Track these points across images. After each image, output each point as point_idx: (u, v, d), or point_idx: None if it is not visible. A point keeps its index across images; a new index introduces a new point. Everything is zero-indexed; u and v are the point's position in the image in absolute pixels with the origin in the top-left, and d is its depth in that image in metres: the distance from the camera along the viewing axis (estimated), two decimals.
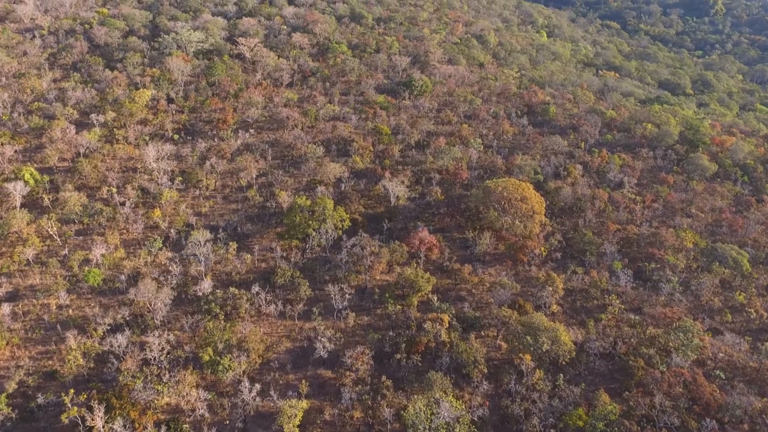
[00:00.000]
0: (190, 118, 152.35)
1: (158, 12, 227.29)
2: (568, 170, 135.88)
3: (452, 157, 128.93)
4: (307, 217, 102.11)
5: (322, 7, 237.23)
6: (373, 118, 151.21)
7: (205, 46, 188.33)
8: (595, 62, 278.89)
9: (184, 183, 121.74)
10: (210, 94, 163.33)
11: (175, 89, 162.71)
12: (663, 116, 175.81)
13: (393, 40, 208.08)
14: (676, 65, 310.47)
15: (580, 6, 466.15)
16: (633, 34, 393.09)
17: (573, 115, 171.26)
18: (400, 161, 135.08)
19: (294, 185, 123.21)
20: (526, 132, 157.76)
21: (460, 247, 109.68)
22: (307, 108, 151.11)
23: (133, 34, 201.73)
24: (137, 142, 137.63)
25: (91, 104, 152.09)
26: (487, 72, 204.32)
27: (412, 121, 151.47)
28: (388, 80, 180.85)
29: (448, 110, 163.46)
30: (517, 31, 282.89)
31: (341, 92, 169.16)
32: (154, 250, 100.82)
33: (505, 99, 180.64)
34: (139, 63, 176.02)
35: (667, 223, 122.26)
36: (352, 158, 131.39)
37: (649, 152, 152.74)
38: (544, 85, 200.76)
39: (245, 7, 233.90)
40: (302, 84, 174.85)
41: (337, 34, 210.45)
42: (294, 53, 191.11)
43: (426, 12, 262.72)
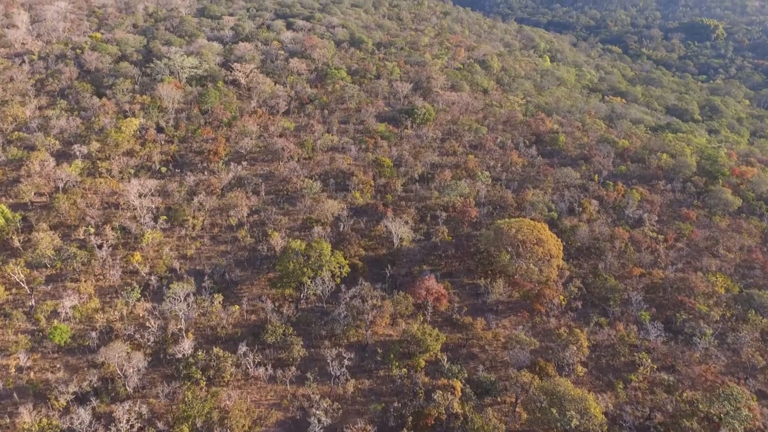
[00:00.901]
0: (180, 148, 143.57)
1: (153, 37, 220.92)
2: (582, 206, 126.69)
3: (459, 193, 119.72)
4: (302, 263, 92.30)
5: (321, 31, 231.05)
6: (374, 149, 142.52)
7: (199, 71, 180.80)
8: (599, 87, 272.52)
9: (169, 222, 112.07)
10: (202, 123, 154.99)
11: (165, 117, 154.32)
12: (677, 145, 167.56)
13: (394, 66, 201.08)
14: (681, 90, 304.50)
15: (581, 30, 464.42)
16: (635, 58, 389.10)
17: (583, 145, 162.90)
18: (403, 196, 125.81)
19: (288, 224, 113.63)
20: (536, 163, 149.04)
21: (470, 295, 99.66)
22: (304, 138, 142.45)
23: (125, 59, 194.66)
24: (122, 175, 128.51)
25: (75, 134, 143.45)
26: (491, 98, 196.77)
27: (415, 152, 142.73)
28: (389, 107, 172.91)
29: (453, 140, 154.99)
30: (519, 56, 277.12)
31: (340, 120, 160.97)
32: (132, 300, 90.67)
33: (511, 127, 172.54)
34: (129, 89, 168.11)
35: (693, 264, 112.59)
36: (351, 193, 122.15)
37: (666, 185, 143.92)
38: (551, 112, 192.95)
39: (242, 32, 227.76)
40: (299, 112, 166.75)
41: (337, 59, 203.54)
42: (291, 79, 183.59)
43: (427, 37, 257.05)
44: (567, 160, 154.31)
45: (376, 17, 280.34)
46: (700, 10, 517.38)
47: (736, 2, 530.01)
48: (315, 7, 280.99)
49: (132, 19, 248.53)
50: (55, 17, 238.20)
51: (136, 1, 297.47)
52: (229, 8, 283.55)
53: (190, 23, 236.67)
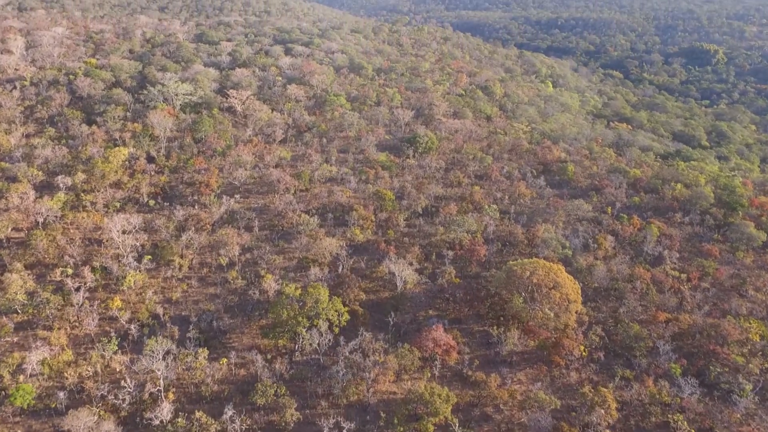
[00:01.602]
0: (170, 179, 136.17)
1: (149, 62, 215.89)
2: (597, 242, 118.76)
3: (466, 230, 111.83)
4: (297, 311, 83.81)
5: (320, 57, 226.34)
6: (375, 181, 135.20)
7: (194, 98, 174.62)
8: (604, 113, 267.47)
9: (154, 261, 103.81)
10: (195, 152, 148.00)
11: (156, 146, 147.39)
12: (691, 175, 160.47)
13: (394, 92, 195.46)
14: (686, 115, 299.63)
15: (581, 55, 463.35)
16: (637, 83, 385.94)
17: (593, 175, 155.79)
18: (406, 232, 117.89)
19: (283, 264, 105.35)
20: (545, 195, 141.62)
21: (481, 344, 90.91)
22: (301, 169, 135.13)
23: (119, 85, 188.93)
24: (107, 209, 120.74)
25: (61, 164, 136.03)
26: (495, 126, 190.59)
27: (418, 184, 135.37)
28: (390, 135, 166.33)
29: (457, 170, 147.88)
30: (521, 81, 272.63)
31: (339, 149, 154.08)
32: (108, 353, 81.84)
33: (517, 156, 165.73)
34: (121, 117, 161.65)
35: (720, 306, 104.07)
36: (350, 229, 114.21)
37: (683, 217, 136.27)
38: (557, 140, 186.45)
39: (239, 58, 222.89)
40: (297, 140, 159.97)
41: (336, 85, 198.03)
42: (289, 106, 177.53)
43: (428, 62, 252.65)
44: (577, 191, 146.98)
45: (376, 43, 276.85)
46: (698, 35, 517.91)
47: (735, 28, 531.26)
48: (314, 32, 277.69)
49: (129, 45, 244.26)
50: (51, 43, 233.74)
51: (134, 27, 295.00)
52: (228, 34, 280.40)
53: (187, 49, 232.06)
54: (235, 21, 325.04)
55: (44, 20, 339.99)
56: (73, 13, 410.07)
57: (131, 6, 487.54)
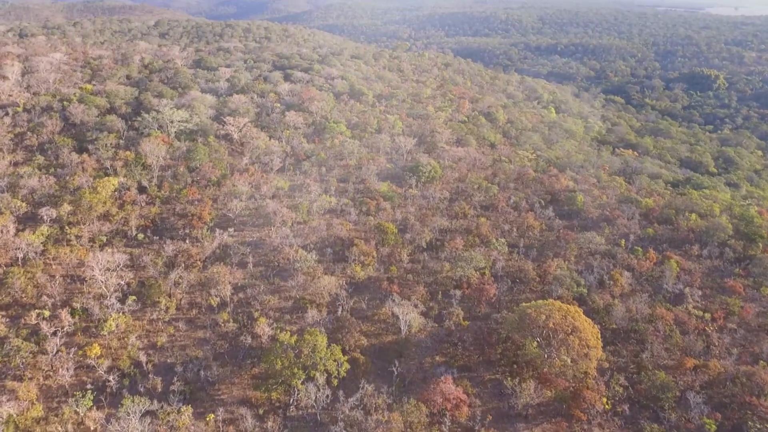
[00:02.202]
0: (162, 210, 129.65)
1: (145, 88, 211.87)
2: (613, 278, 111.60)
3: (474, 267, 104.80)
4: (292, 360, 76.31)
5: (320, 83, 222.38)
6: (376, 212, 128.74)
7: (189, 125, 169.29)
8: (608, 139, 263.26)
9: (139, 301, 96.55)
10: (189, 182, 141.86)
11: (149, 176, 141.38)
12: (704, 204, 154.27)
13: (396, 119, 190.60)
14: (691, 141, 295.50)
15: (581, 81, 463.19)
16: (639, 108, 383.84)
17: (603, 205, 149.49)
18: (410, 269, 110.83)
19: (278, 304, 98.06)
20: (554, 226, 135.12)
21: (493, 395, 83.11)
22: (299, 201, 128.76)
23: (113, 111, 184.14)
24: (92, 243, 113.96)
25: (47, 194, 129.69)
26: (499, 153, 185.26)
27: (422, 215, 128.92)
28: (391, 164, 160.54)
29: (462, 200, 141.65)
30: (524, 107, 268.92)
31: (339, 179, 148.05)
32: (82, 408, 74.02)
33: (523, 185, 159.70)
34: (113, 145, 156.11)
35: (750, 350, 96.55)
36: (351, 266, 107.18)
37: (700, 249, 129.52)
38: (564, 168, 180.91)
39: (238, 84, 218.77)
40: (295, 169, 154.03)
41: (336, 111, 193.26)
42: (287, 134, 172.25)
43: (429, 88, 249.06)
44: (588, 223, 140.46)
45: (377, 69, 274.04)
46: (698, 61, 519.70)
47: (734, 53, 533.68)
48: (314, 58, 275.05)
49: (126, 71, 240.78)
50: (48, 68, 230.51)
51: (134, 53, 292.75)
52: (227, 60, 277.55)
53: (185, 75, 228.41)
54: (234, 47, 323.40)
55: (44, 46, 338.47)
56: (74, 40, 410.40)
57: (132, 32, 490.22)
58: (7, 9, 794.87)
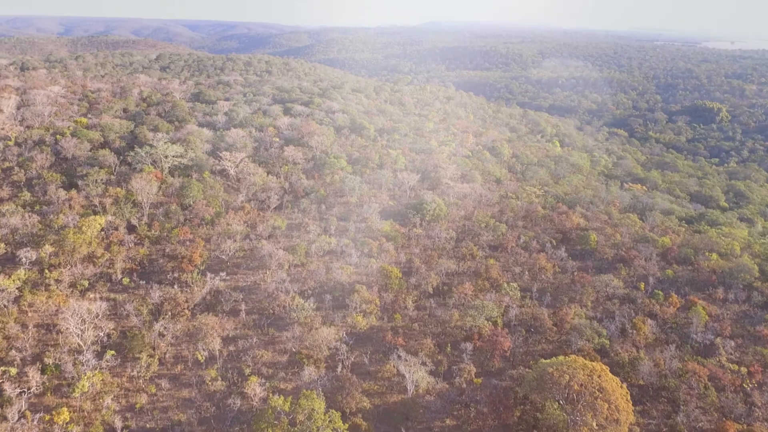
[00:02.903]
0: (150, 251, 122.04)
1: (141, 122, 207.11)
2: (636, 326, 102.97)
3: (486, 316, 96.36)
4: (286, 428, 67.32)
5: (320, 117, 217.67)
6: (378, 254, 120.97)
7: (184, 161, 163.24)
8: (615, 173, 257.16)
9: (119, 356, 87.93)
10: (181, 220, 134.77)
11: (139, 214, 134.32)
12: (723, 242, 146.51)
13: (398, 154, 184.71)
14: (698, 174, 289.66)
15: (583, 114, 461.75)
16: (643, 141, 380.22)
17: (618, 244, 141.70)
18: (416, 317, 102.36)
19: (272, 359, 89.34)
20: (568, 268, 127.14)
21: None
22: (297, 242, 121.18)
23: (107, 146, 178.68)
24: (72, 289, 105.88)
25: (30, 233, 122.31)
26: (506, 189, 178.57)
27: (427, 257, 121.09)
28: (394, 201, 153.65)
29: (469, 240, 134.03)
30: (529, 141, 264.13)
31: (339, 217, 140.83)
32: None
33: (532, 223, 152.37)
34: (104, 180, 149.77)
35: None
36: (352, 314, 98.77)
37: (725, 293, 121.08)
38: (573, 204, 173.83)
39: (236, 117, 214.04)
40: (293, 207, 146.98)
41: (336, 146, 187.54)
42: (286, 169, 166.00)
43: (431, 122, 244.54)
44: (603, 264, 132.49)
45: (378, 102, 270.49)
46: (699, 94, 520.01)
47: (735, 86, 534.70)
48: (314, 92, 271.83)
49: (123, 104, 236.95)
50: (44, 101, 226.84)
51: (132, 86, 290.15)
52: (226, 93, 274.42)
53: (182, 108, 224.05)
54: (234, 80, 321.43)
55: (43, 79, 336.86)
56: (75, 73, 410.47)
57: (133, 66, 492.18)
58: (12, 43, 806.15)
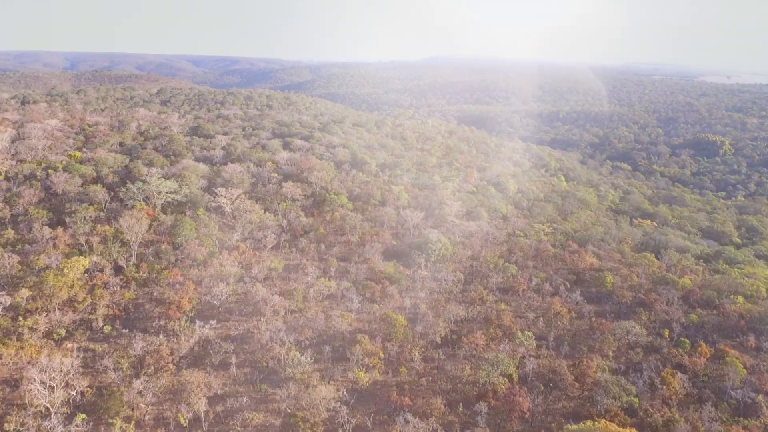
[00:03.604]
0: (137, 295, 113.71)
1: (137, 156, 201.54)
2: (665, 381, 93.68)
3: (501, 372, 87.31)
4: None
5: (321, 152, 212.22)
6: (381, 299, 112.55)
7: (178, 197, 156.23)
8: (623, 208, 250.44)
9: (90, 421, 78.60)
10: (172, 261, 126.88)
11: (127, 254, 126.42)
12: (747, 283, 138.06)
13: (401, 190, 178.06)
14: (707, 209, 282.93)
15: (586, 148, 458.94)
16: (648, 175, 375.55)
17: (636, 286, 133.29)
18: (423, 371, 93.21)
19: (263, 421, 79.90)
20: (585, 313, 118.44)
21: None
22: (294, 286, 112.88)
23: (100, 180, 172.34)
24: (47, 338, 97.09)
25: (8, 275, 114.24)
26: (513, 226, 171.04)
27: (434, 303, 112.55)
28: (397, 240, 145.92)
29: (478, 283, 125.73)
30: (533, 175, 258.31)
31: (339, 257, 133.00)
32: None
33: (543, 263, 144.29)
34: (93, 218, 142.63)
35: None
36: (353, 370, 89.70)
37: (758, 340, 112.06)
38: (585, 242, 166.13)
39: (234, 152, 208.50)
40: (291, 246, 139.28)
41: (336, 182, 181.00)
42: (284, 206, 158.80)
43: (434, 157, 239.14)
44: (621, 308, 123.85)
45: (379, 136, 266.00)
46: (701, 127, 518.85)
47: (736, 119, 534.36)
48: (315, 126, 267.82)
49: (120, 137, 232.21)
50: (40, 135, 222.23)
51: (131, 119, 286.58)
52: (225, 127, 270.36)
53: (179, 142, 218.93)
54: (234, 114, 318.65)
55: (42, 113, 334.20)
56: (75, 107, 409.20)
57: (134, 100, 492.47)
58: (17, 77, 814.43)
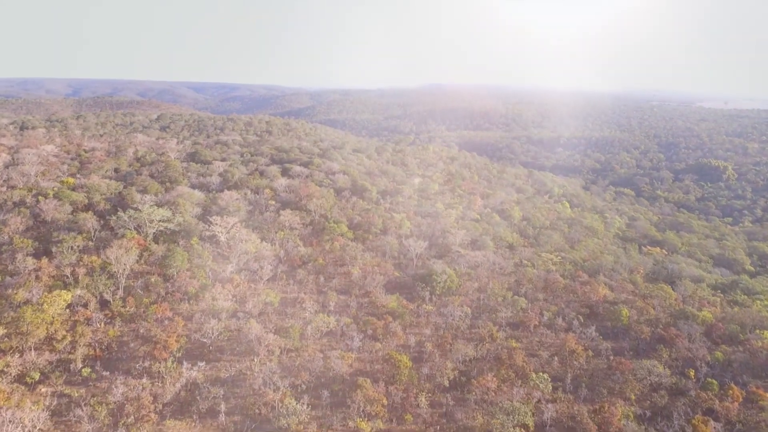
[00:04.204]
0: (122, 332, 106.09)
1: (131, 182, 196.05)
2: (696, 429, 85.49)
3: (517, 422, 79.32)
4: None
5: (320, 178, 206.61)
6: (384, 336, 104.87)
7: (171, 225, 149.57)
8: (630, 235, 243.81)
9: None
10: (162, 294, 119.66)
11: (114, 286, 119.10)
12: None
13: (403, 218, 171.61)
14: (715, 235, 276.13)
15: (587, 173, 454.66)
16: (652, 201, 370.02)
17: (653, 321, 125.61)
18: (430, 419, 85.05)
19: None
20: (602, 351, 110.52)
21: None
22: (290, 323, 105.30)
23: (91, 208, 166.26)
24: (18, 383, 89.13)
25: None
26: (520, 256, 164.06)
27: (440, 341, 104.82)
28: (400, 272, 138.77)
29: (487, 318, 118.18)
30: (538, 202, 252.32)
31: (339, 290, 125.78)
32: None
33: (553, 295, 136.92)
34: (80, 247, 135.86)
35: None
36: (354, 419, 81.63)
37: None
38: (595, 272, 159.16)
39: (231, 178, 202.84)
40: (288, 278, 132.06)
41: (336, 209, 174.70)
42: (281, 235, 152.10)
43: (437, 183, 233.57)
44: (640, 345, 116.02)
45: (380, 163, 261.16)
46: (702, 152, 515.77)
47: (737, 144, 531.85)
48: (314, 152, 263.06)
49: (115, 163, 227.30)
50: (34, 161, 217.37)
51: (128, 145, 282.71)
52: (223, 153, 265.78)
53: (175, 168, 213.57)
54: (233, 140, 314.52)
55: (39, 139, 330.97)
56: (74, 132, 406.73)
57: (133, 125, 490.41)
58: (19, 104, 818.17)
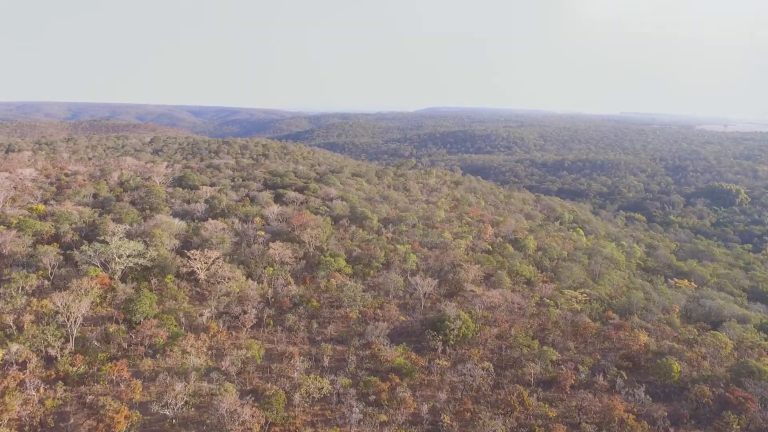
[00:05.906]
0: (65, 400, 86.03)
1: (109, 209, 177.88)
2: None
3: None
4: None
5: (316, 205, 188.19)
6: (389, 404, 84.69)
7: (143, 261, 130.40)
8: (651, 265, 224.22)
9: None
10: (124, 347, 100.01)
11: (63, 339, 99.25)
12: None
13: (407, 250, 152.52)
14: (740, 264, 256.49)
15: (594, 197, 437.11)
16: (666, 226, 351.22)
17: (710, 378, 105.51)
18: None
19: None
20: (657, 419, 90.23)
21: None
22: (273, 391, 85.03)
23: (57, 239, 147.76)
24: None
25: None
26: (540, 293, 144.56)
27: (459, 410, 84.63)
28: (406, 315, 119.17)
29: (512, 375, 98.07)
30: (551, 230, 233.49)
31: (335, 340, 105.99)
32: None
33: (585, 343, 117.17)
34: (33, 288, 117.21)
35: None
36: None
37: None
38: (626, 312, 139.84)
39: (218, 206, 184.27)
40: (276, 324, 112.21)
41: (333, 240, 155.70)
42: (270, 271, 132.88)
43: (442, 210, 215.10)
44: (700, 409, 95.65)
45: (381, 188, 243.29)
46: (711, 175, 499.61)
47: (746, 167, 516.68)
48: (311, 176, 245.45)
49: (95, 188, 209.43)
50: (7, 185, 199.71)
51: (113, 169, 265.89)
52: (213, 177, 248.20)
53: (158, 194, 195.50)
54: (225, 164, 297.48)
55: (23, 162, 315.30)
56: (62, 155, 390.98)
57: (125, 148, 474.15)
58: (14, 127, 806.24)
